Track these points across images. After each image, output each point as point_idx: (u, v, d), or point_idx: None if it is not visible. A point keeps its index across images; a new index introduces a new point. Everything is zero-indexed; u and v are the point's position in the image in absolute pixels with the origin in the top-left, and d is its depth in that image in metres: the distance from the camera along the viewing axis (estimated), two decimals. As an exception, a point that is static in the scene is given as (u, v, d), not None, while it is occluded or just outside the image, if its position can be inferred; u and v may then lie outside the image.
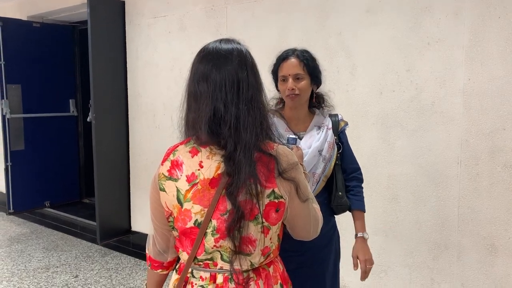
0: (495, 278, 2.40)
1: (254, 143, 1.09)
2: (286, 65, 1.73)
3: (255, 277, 1.17)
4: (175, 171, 1.15)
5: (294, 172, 1.13)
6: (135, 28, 4.11)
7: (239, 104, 1.09)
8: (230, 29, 3.39)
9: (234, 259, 1.13)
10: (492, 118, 2.35)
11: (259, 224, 1.11)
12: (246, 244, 1.12)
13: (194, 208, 1.12)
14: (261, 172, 1.09)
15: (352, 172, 1.87)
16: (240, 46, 1.19)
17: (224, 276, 1.15)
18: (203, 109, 1.10)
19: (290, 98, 1.72)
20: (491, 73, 2.33)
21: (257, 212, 1.10)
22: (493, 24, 2.31)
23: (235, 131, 1.09)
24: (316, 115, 1.83)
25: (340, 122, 1.86)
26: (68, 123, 5.36)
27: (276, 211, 1.13)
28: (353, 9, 2.76)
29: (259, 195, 1.08)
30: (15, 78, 4.82)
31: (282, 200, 1.13)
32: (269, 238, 1.15)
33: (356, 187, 1.87)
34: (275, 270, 1.23)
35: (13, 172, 4.83)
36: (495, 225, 2.38)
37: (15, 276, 3.56)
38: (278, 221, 1.15)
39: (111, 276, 3.55)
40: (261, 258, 1.16)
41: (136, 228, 4.33)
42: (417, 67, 2.56)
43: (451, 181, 2.49)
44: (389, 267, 2.76)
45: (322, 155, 1.73)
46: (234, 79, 1.10)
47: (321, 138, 1.74)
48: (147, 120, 4.08)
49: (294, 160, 1.15)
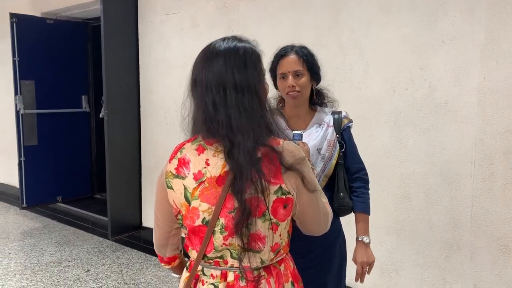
0: (509, 279, 2.37)
1: (253, 139, 1.08)
2: (286, 62, 1.68)
3: (266, 275, 1.17)
4: (182, 169, 1.15)
5: (301, 166, 1.13)
6: (147, 25, 4.12)
7: (228, 106, 1.09)
8: (242, 26, 3.39)
9: (243, 257, 1.13)
10: (507, 117, 2.32)
11: (267, 221, 1.11)
12: (255, 241, 1.12)
13: (202, 206, 1.12)
14: (267, 168, 1.08)
15: (356, 172, 1.77)
16: (234, 43, 1.15)
17: (235, 274, 1.15)
18: (198, 110, 1.13)
19: (290, 95, 1.67)
20: (506, 72, 2.30)
21: (264, 209, 1.09)
22: (509, 22, 2.28)
23: (228, 130, 1.09)
24: (317, 112, 1.77)
25: (343, 120, 1.77)
26: (80, 119, 5.40)
27: (284, 207, 1.13)
28: (367, 6, 2.74)
29: (265, 192, 1.08)
30: (29, 74, 4.87)
31: (289, 196, 1.12)
32: (278, 234, 1.15)
33: (360, 188, 1.76)
34: (286, 268, 1.22)
35: (26, 167, 4.89)
36: (509, 226, 2.34)
37: (27, 269, 3.60)
38: (287, 217, 1.15)
39: (122, 271, 3.58)
40: (271, 254, 1.16)
41: (147, 224, 4.36)
42: (431, 65, 2.53)
43: (465, 180, 2.46)
44: (401, 267, 2.75)
45: (321, 154, 1.68)
46: (219, 82, 1.09)
47: (320, 136, 1.69)
48: (158, 116, 4.10)
49: (301, 155, 1.14)
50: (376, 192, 2.79)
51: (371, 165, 2.78)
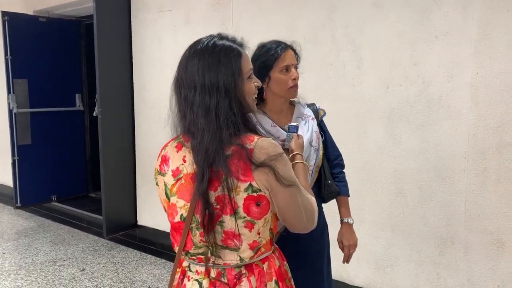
0: (502, 273, 2.38)
1: (218, 139, 1.08)
2: (289, 55, 1.67)
3: (247, 273, 1.16)
4: (163, 166, 1.20)
5: (274, 163, 1.10)
6: (140, 22, 4.10)
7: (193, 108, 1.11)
8: (236, 23, 3.38)
9: (222, 254, 1.14)
10: (500, 112, 2.33)
11: (241, 219, 1.11)
12: (231, 238, 1.12)
13: (179, 203, 1.15)
14: (235, 166, 1.08)
15: (335, 159, 1.87)
16: (220, 42, 1.15)
17: (217, 271, 1.16)
18: (176, 109, 1.17)
19: (294, 87, 1.68)
20: (499, 67, 2.31)
21: (236, 207, 1.09)
22: (501, 17, 2.29)
23: (196, 129, 1.11)
24: (297, 105, 1.79)
25: (319, 111, 1.84)
26: (74, 117, 5.38)
27: (257, 205, 1.11)
28: (360, 2, 2.74)
29: (234, 189, 1.08)
30: (22, 73, 4.83)
31: (261, 193, 1.10)
32: (255, 232, 1.14)
33: (340, 174, 1.87)
34: (269, 266, 1.21)
35: (20, 166, 4.86)
36: (503, 221, 2.36)
37: (22, 269, 3.59)
38: (263, 215, 1.13)
39: (117, 269, 3.58)
40: (250, 252, 1.15)
41: (142, 222, 4.35)
42: (424, 61, 2.54)
43: (458, 176, 2.47)
44: (395, 262, 2.76)
45: (312, 146, 1.72)
46: (191, 83, 1.12)
47: (309, 128, 1.72)
48: (152, 114, 4.09)
49: (276, 152, 1.11)
50: (371, 188, 2.80)
51: (365, 162, 2.80)
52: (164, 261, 3.74)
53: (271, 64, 1.66)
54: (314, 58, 2.94)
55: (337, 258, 1.94)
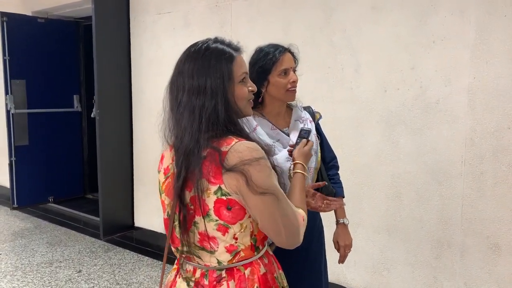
0: (498, 277, 2.39)
1: (196, 140, 1.09)
2: (287, 58, 1.68)
3: (227, 277, 1.16)
4: (160, 164, 1.26)
5: (246, 167, 1.06)
6: (139, 24, 4.11)
7: (180, 106, 1.13)
8: (235, 26, 3.39)
9: (200, 255, 1.16)
10: (497, 117, 2.34)
11: (213, 221, 1.11)
12: (207, 240, 1.13)
13: (166, 200, 1.19)
14: (206, 168, 1.08)
15: (330, 161, 1.90)
16: (213, 45, 1.17)
17: (201, 271, 1.18)
18: (168, 110, 1.20)
19: (291, 91, 1.68)
20: (496, 72, 2.32)
21: (207, 209, 1.10)
22: (499, 22, 2.30)
23: (178, 128, 1.14)
24: (294, 108, 1.80)
25: (316, 114, 1.86)
26: (72, 118, 5.37)
27: (228, 209, 1.09)
28: (358, 6, 2.75)
29: (205, 192, 1.09)
30: (20, 74, 4.83)
31: (231, 197, 1.09)
32: (230, 237, 1.12)
33: (336, 175, 1.90)
34: (252, 272, 1.17)
35: (17, 167, 4.84)
36: (499, 225, 2.37)
37: (18, 270, 3.58)
38: (238, 220, 1.11)
39: (114, 271, 3.57)
40: (228, 256, 1.14)
41: (139, 224, 4.34)
42: (422, 65, 2.55)
43: (455, 180, 2.48)
44: (392, 265, 2.76)
45: (312, 149, 1.70)
46: (173, 86, 1.16)
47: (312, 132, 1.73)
48: (150, 116, 4.08)
49: (251, 157, 1.07)
50: (368, 191, 2.81)
51: (363, 165, 2.81)
52: (161, 263, 3.73)
53: (270, 68, 1.66)
54: (312, 61, 2.95)
55: (334, 261, 1.94)
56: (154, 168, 1.28)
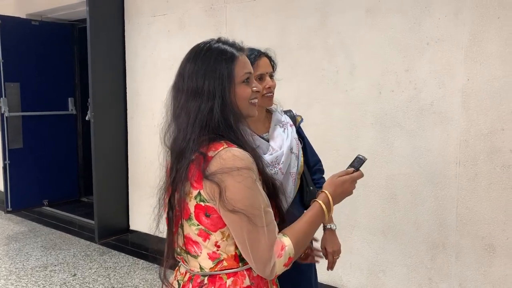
0: (493, 278, 2.40)
1: (192, 143, 1.08)
2: (262, 63, 1.63)
3: (208, 284, 1.13)
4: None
5: (225, 176, 1.02)
6: (134, 26, 4.10)
7: (179, 107, 1.13)
8: (230, 28, 3.39)
9: (186, 259, 1.17)
10: (491, 118, 2.35)
11: (194, 226, 1.10)
12: (191, 244, 1.13)
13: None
14: (192, 171, 1.07)
15: (315, 165, 1.86)
16: (216, 45, 1.16)
17: (189, 275, 1.18)
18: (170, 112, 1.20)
19: (267, 97, 1.65)
20: (490, 74, 2.34)
21: (189, 212, 1.10)
22: (492, 24, 2.31)
23: (175, 129, 1.15)
24: (274, 113, 1.76)
25: (297, 117, 1.83)
26: (67, 121, 5.35)
27: (207, 216, 1.07)
28: (353, 9, 2.76)
29: (188, 195, 1.09)
30: (14, 76, 4.80)
31: (209, 204, 1.06)
32: (211, 244, 1.10)
33: (321, 179, 1.86)
34: (234, 282, 1.13)
35: (12, 170, 4.82)
36: (493, 226, 2.38)
37: (13, 274, 3.55)
38: (218, 228, 1.08)
39: (109, 275, 3.55)
40: (210, 263, 1.12)
41: (135, 227, 4.32)
42: (416, 67, 2.56)
43: (450, 181, 2.49)
44: (387, 267, 2.77)
45: (293, 153, 1.69)
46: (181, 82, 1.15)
47: (289, 135, 1.70)
48: (146, 119, 4.07)
49: (232, 165, 1.02)
50: (363, 193, 2.81)
51: (358, 167, 2.81)
52: (156, 266, 3.72)
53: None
54: (306, 64, 2.96)
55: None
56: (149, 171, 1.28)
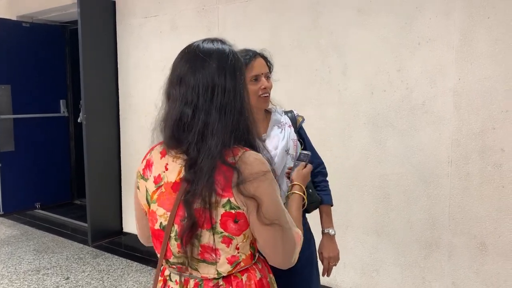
0: (486, 276, 2.42)
1: (219, 151, 1.04)
2: (258, 64, 1.63)
3: (225, 285, 1.13)
4: (147, 170, 1.16)
5: (256, 184, 1.04)
6: (126, 28, 4.08)
7: (211, 110, 1.06)
8: (222, 29, 3.39)
9: (199, 267, 1.12)
10: (482, 117, 2.37)
11: (218, 234, 1.07)
12: (209, 252, 1.09)
13: (159, 211, 1.12)
14: (217, 181, 1.04)
15: (316, 167, 1.80)
16: (223, 46, 1.15)
17: (195, 281, 1.14)
18: (172, 112, 1.09)
19: (263, 98, 1.65)
20: (481, 73, 2.35)
21: (213, 222, 1.06)
22: (482, 24, 2.33)
23: (200, 137, 1.05)
24: (273, 114, 1.76)
25: (298, 118, 1.81)
26: (59, 123, 5.31)
27: (235, 222, 1.07)
28: (345, 9, 2.77)
29: (213, 204, 1.04)
30: (5, 79, 4.76)
31: (240, 211, 1.06)
32: (233, 248, 1.10)
33: (322, 182, 1.83)
34: (249, 278, 1.16)
35: (3, 173, 4.77)
36: (485, 224, 2.39)
37: (5, 278, 3.52)
38: (242, 231, 1.09)
39: (102, 277, 3.53)
40: (228, 267, 1.12)
41: (128, 230, 4.30)
42: (408, 67, 2.57)
43: (442, 180, 2.51)
44: (381, 266, 2.77)
45: (289, 154, 1.68)
46: (209, 83, 1.07)
47: (285, 136, 1.69)
48: (138, 120, 4.06)
49: (259, 170, 1.05)
50: (356, 193, 2.82)
51: (351, 166, 2.82)
52: (150, 268, 3.71)
53: None
54: (299, 64, 2.96)
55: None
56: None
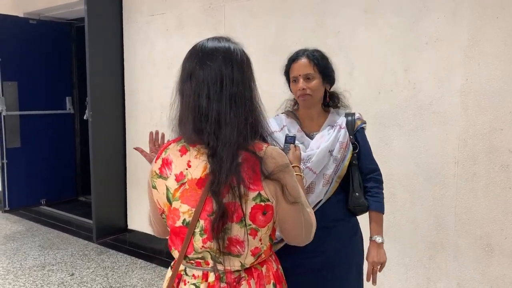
0: (491, 278, 2.40)
1: (236, 140, 1.08)
2: (297, 66, 1.71)
3: (247, 276, 1.17)
4: (165, 169, 1.17)
5: (282, 174, 1.11)
6: (132, 25, 4.09)
7: (222, 99, 1.09)
8: (228, 28, 3.39)
9: (223, 260, 1.14)
10: (489, 118, 2.35)
11: (245, 227, 1.11)
12: (234, 245, 1.12)
13: (182, 208, 1.13)
14: (246, 174, 1.08)
15: (369, 173, 1.79)
16: (229, 44, 1.18)
17: (216, 274, 1.16)
18: (188, 107, 1.12)
19: (301, 98, 1.71)
20: (489, 73, 2.34)
21: (242, 215, 1.09)
22: (491, 24, 2.32)
23: (216, 126, 1.09)
24: (331, 114, 1.79)
25: (356, 121, 1.79)
26: (64, 120, 5.34)
27: (264, 214, 1.12)
28: (352, 8, 2.76)
29: (243, 198, 1.08)
30: (11, 75, 4.79)
31: (269, 203, 1.12)
32: (258, 239, 1.15)
33: (373, 188, 1.79)
34: (268, 269, 1.22)
35: (9, 169, 4.81)
36: (492, 225, 2.38)
37: (10, 274, 3.54)
38: (267, 223, 1.14)
39: (107, 274, 3.54)
40: (251, 258, 1.16)
41: (133, 227, 4.32)
42: (415, 67, 2.56)
43: (448, 181, 2.49)
44: (386, 266, 2.75)
45: (333, 156, 1.69)
46: (217, 75, 1.10)
47: (332, 137, 1.70)
48: (144, 118, 4.07)
49: (283, 162, 1.13)
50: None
51: (357, 166, 2.81)
52: (154, 265, 3.72)
53: (287, 75, 1.78)
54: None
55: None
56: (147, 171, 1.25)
